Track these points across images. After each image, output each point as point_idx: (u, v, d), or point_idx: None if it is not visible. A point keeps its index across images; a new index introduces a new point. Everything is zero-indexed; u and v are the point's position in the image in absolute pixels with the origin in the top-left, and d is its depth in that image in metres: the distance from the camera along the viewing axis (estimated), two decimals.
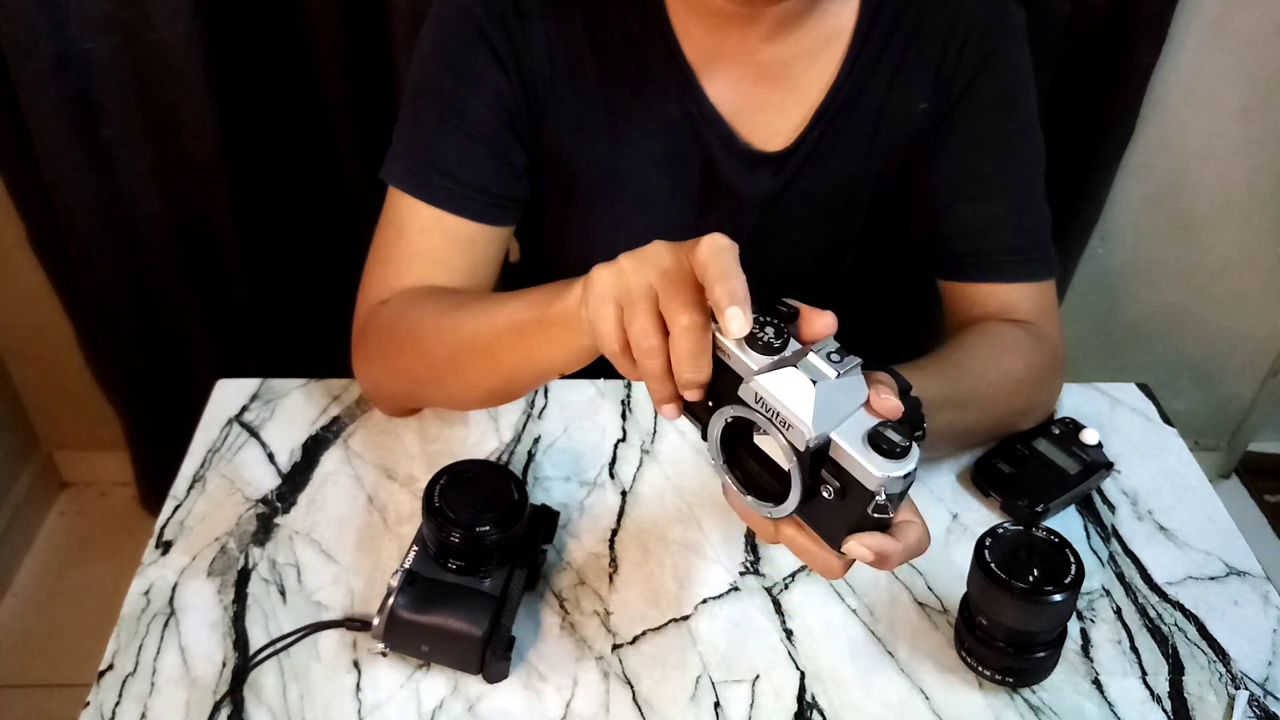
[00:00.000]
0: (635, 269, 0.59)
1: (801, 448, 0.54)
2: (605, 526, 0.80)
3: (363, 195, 1.33)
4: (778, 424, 0.55)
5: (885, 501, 0.54)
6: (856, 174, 0.90)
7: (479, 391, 0.81)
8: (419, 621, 0.66)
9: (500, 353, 0.73)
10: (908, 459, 0.54)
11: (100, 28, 1.16)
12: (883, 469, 0.53)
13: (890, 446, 0.53)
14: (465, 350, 0.76)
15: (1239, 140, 1.42)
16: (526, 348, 0.70)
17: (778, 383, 0.54)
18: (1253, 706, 0.70)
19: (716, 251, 0.56)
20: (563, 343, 0.67)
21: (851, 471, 0.54)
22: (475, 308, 0.76)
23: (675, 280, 0.58)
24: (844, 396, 0.55)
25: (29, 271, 1.45)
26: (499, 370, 0.74)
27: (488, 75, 0.83)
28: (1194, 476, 0.87)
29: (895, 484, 0.54)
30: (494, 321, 0.73)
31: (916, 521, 0.58)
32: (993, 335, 0.85)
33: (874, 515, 0.55)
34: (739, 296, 0.55)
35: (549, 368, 0.71)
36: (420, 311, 0.80)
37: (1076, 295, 1.56)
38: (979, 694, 0.70)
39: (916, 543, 0.58)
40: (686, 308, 0.57)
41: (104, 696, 0.68)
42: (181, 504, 0.81)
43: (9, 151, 1.28)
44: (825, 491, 0.56)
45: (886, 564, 0.57)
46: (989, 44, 0.86)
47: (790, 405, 0.54)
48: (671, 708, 0.68)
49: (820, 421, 0.54)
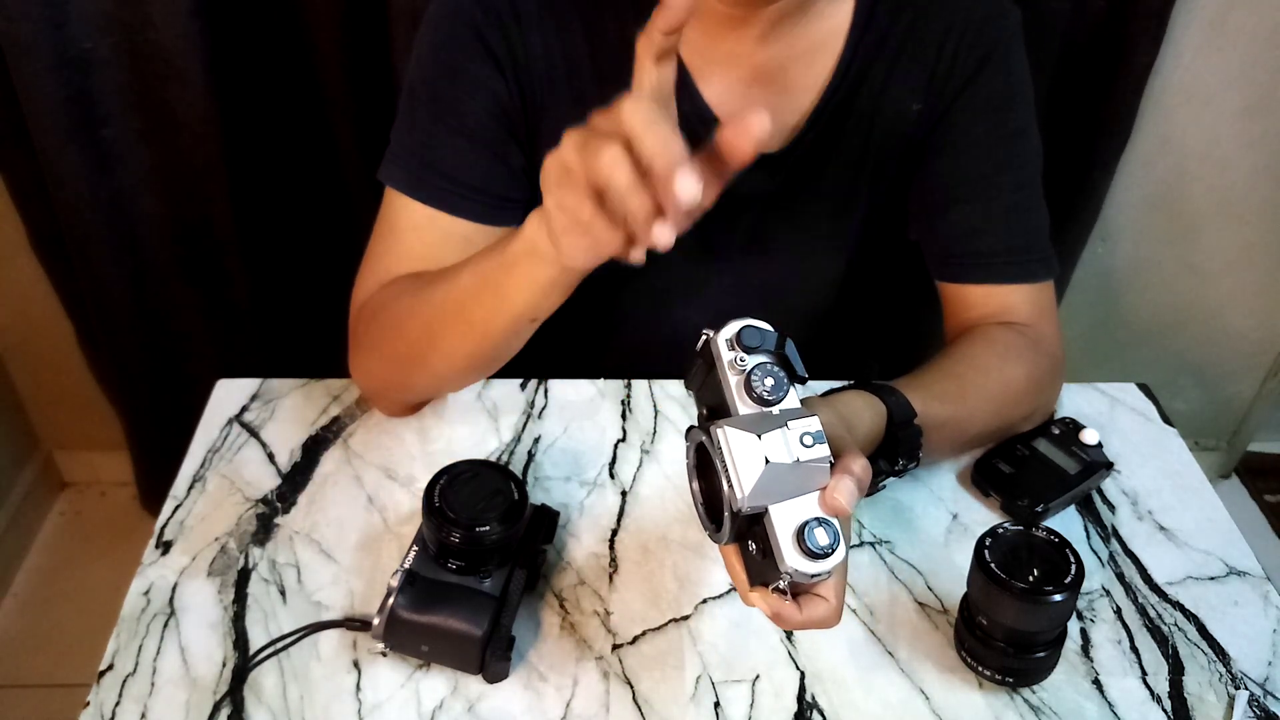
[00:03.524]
0: (572, 142, 0.57)
1: (735, 509, 0.56)
2: (605, 526, 0.80)
3: (363, 195, 1.33)
4: (725, 474, 0.56)
5: (787, 586, 0.57)
6: (852, 175, 0.90)
7: (459, 360, 0.79)
8: (419, 621, 0.66)
9: (471, 309, 0.73)
10: (824, 562, 0.55)
11: (100, 28, 1.16)
12: (795, 562, 0.55)
13: (812, 549, 0.55)
14: (438, 318, 0.76)
15: (1239, 140, 1.42)
16: (494, 297, 0.70)
17: (739, 442, 0.56)
18: (1253, 706, 0.70)
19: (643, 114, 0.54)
20: (529, 278, 0.67)
21: (773, 545, 0.56)
22: (443, 278, 0.76)
23: (602, 125, 0.56)
24: (796, 480, 0.56)
25: (29, 271, 1.45)
26: (473, 329, 0.74)
27: (485, 77, 0.83)
28: (1194, 476, 0.87)
29: (802, 577, 0.56)
30: (460, 282, 0.73)
31: (830, 602, 0.60)
32: (993, 343, 0.85)
33: (782, 586, 0.57)
34: (678, 154, 0.53)
35: (521, 312, 0.70)
36: (398, 298, 0.81)
37: (1076, 295, 1.56)
38: (979, 694, 0.70)
39: (819, 619, 0.60)
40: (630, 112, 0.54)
41: (104, 696, 0.68)
42: (181, 504, 0.81)
43: (9, 151, 1.28)
44: (750, 545, 0.59)
45: (780, 623, 0.60)
46: (985, 45, 0.85)
47: (739, 468, 0.55)
48: (671, 708, 0.68)
49: (756, 496, 0.55)
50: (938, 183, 0.89)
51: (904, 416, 0.73)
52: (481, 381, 0.91)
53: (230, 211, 1.32)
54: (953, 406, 0.78)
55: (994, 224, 0.88)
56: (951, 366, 0.82)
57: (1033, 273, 0.89)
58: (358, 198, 1.35)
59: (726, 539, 0.59)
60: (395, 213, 0.85)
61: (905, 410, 0.73)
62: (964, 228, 0.88)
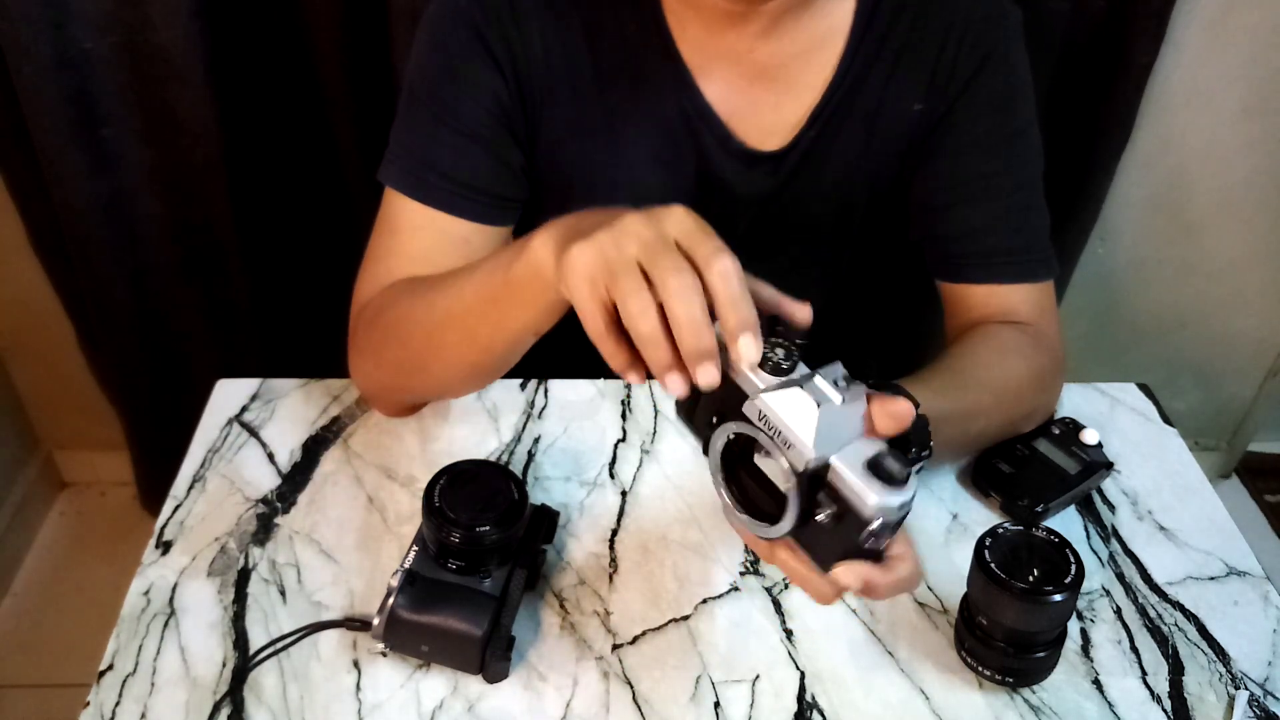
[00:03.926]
0: (616, 242, 0.57)
1: (800, 468, 0.54)
2: (605, 526, 0.80)
3: (362, 195, 1.33)
4: (779, 443, 0.54)
5: (879, 529, 0.54)
6: (853, 174, 0.90)
7: (461, 370, 0.79)
8: (419, 621, 0.66)
9: (473, 325, 0.72)
10: (906, 489, 0.54)
11: (100, 28, 1.16)
12: (881, 496, 0.53)
13: (890, 474, 0.53)
14: (440, 329, 0.75)
15: (1239, 140, 1.42)
16: (497, 314, 0.69)
17: (782, 402, 0.54)
18: (1253, 706, 0.70)
19: (725, 274, 0.55)
20: (531, 303, 0.66)
21: (848, 497, 0.54)
22: (444, 287, 0.75)
23: (659, 249, 0.56)
24: (847, 422, 0.55)
25: (29, 271, 1.45)
26: (475, 343, 0.74)
27: (484, 75, 0.83)
28: (1194, 476, 0.87)
29: (891, 513, 0.54)
30: (462, 295, 0.72)
31: (910, 558, 0.58)
32: (994, 340, 0.85)
33: (866, 545, 0.55)
34: (750, 322, 0.55)
35: (523, 330, 0.69)
36: (397, 302, 0.80)
37: (1076, 295, 1.56)
38: (979, 694, 0.70)
39: (907, 578, 0.58)
40: (677, 272, 0.55)
41: (104, 696, 0.68)
42: (181, 504, 0.81)
43: (9, 151, 1.28)
44: (820, 515, 0.55)
45: (874, 594, 0.57)
46: (986, 44, 0.86)
47: (793, 425, 0.54)
48: (671, 708, 0.68)
49: (821, 444, 0.53)
50: (939, 183, 0.89)
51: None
52: None
53: (230, 211, 1.32)
54: (955, 401, 0.76)
55: (996, 224, 0.88)
56: (953, 364, 0.82)
57: (1034, 272, 0.89)
58: (358, 198, 1.35)
59: (792, 522, 0.56)
60: (395, 213, 0.85)
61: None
62: (965, 227, 0.88)
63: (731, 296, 0.55)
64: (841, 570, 0.56)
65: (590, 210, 0.62)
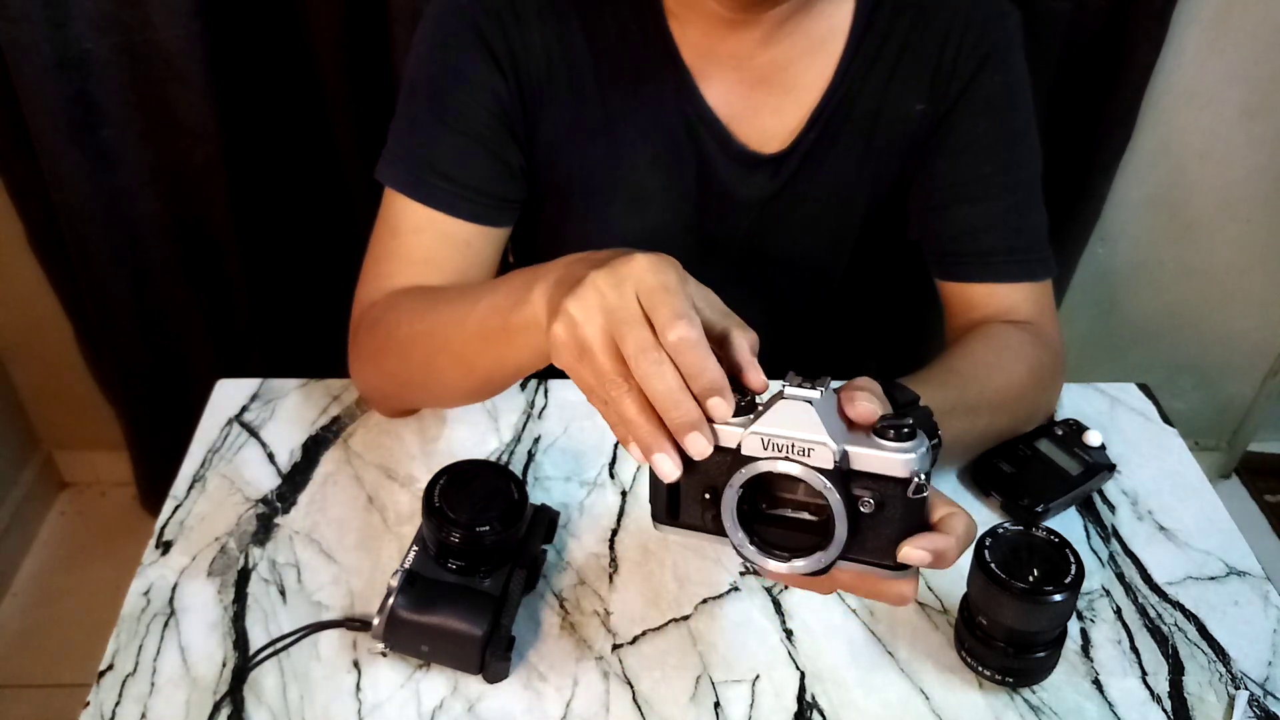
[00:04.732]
0: (586, 315, 0.57)
1: (830, 467, 0.53)
2: (605, 526, 0.80)
3: (362, 195, 1.33)
4: (797, 456, 0.54)
5: (923, 480, 0.54)
6: (853, 176, 0.90)
7: (459, 393, 0.81)
8: (419, 621, 0.66)
9: (472, 358, 0.72)
10: (919, 437, 0.54)
11: (100, 28, 1.16)
12: (904, 454, 0.53)
13: (898, 433, 0.53)
14: (439, 356, 0.75)
15: (1239, 140, 1.42)
16: (496, 353, 0.69)
17: (777, 419, 0.54)
18: (1253, 706, 0.70)
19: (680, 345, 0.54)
20: (528, 347, 0.66)
21: (880, 471, 0.54)
22: (447, 311, 0.75)
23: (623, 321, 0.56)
24: (836, 414, 0.55)
25: (29, 271, 1.45)
26: (474, 374, 0.74)
27: (484, 76, 0.83)
28: (1194, 476, 0.87)
29: (925, 462, 0.54)
30: (464, 327, 0.72)
31: (958, 511, 0.57)
32: (995, 339, 0.85)
33: (917, 514, 0.55)
34: (716, 385, 0.54)
35: (521, 368, 0.70)
36: (399, 315, 0.80)
37: (1076, 295, 1.56)
38: (979, 694, 0.70)
39: (966, 530, 0.57)
40: (642, 351, 0.55)
41: (104, 696, 0.68)
42: (181, 504, 0.81)
43: (9, 151, 1.28)
44: (864, 506, 0.55)
45: (945, 560, 0.56)
46: (985, 45, 0.86)
47: (801, 432, 0.53)
48: (671, 708, 0.68)
49: (837, 439, 0.53)
50: (938, 183, 0.89)
51: (907, 399, 0.72)
52: None
53: (230, 211, 1.32)
54: (956, 397, 0.76)
55: (995, 223, 0.88)
56: (954, 363, 0.82)
57: (1034, 271, 0.89)
58: (358, 198, 1.35)
59: (844, 524, 0.54)
60: (395, 214, 0.85)
61: (907, 394, 0.72)
62: (965, 227, 0.88)
63: (688, 367, 0.54)
64: (908, 549, 0.55)
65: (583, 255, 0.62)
